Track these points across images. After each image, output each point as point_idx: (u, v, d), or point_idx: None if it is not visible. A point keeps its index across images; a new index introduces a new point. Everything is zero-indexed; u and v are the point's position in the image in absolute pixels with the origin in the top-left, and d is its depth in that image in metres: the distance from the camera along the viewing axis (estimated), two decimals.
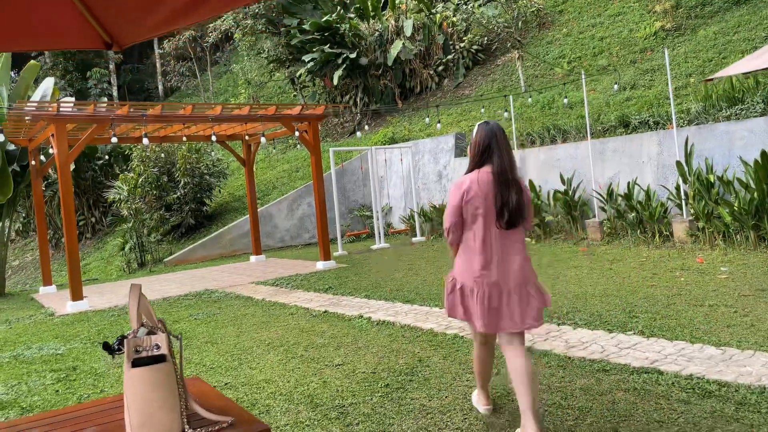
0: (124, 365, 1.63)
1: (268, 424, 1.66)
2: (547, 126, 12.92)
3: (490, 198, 3.35)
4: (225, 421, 1.68)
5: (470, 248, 3.43)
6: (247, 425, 1.69)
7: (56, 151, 8.79)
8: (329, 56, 19.21)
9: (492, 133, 3.43)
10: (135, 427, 1.59)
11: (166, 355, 1.62)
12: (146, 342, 1.62)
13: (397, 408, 4.04)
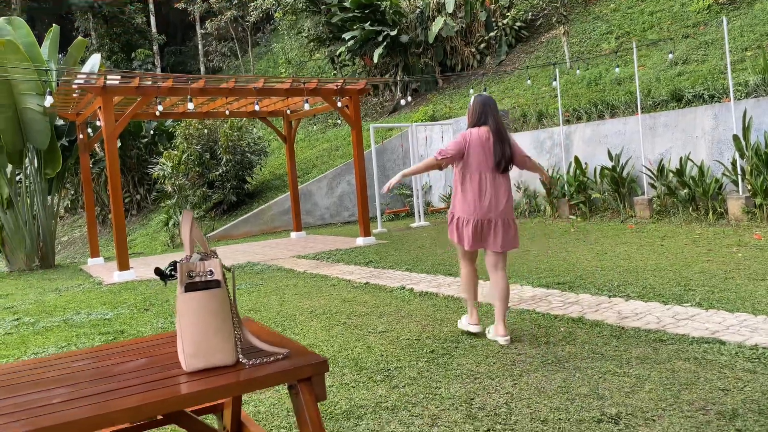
0: (177, 291, 1.58)
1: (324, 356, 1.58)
2: (594, 101, 12.52)
3: (487, 149, 4.35)
4: (281, 353, 1.61)
5: (468, 190, 4.43)
6: (303, 356, 1.61)
7: (103, 123, 8.92)
8: (369, 34, 19.03)
9: (486, 102, 4.44)
10: (188, 355, 1.53)
11: (220, 281, 1.56)
12: (199, 267, 1.55)
13: (443, 372, 3.95)
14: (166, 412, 1.40)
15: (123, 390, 1.48)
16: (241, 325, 1.63)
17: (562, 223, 11.01)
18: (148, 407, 1.37)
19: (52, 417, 1.31)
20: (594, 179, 11.14)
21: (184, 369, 1.57)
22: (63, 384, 1.56)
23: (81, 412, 1.33)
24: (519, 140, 13.17)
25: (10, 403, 1.44)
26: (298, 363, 1.57)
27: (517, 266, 7.31)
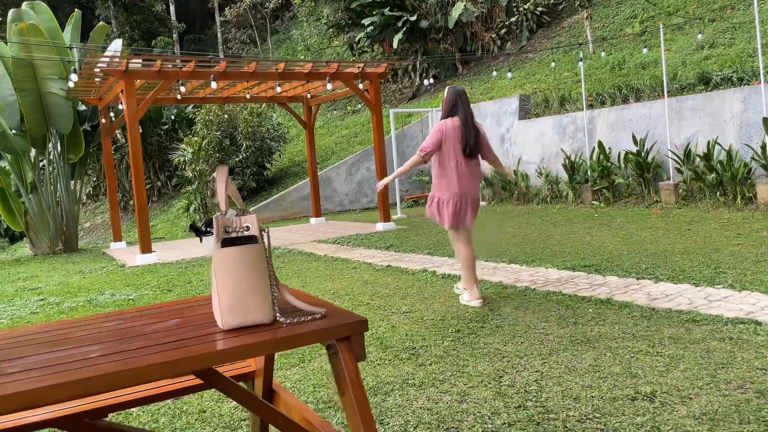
0: (213, 247, 1.53)
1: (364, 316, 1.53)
2: (618, 85, 12.29)
3: (459, 138, 4.92)
4: (318, 312, 1.56)
5: (446, 174, 4.97)
6: (340, 316, 1.57)
7: (125, 106, 8.95)
8: (389, 19, 18.88)
9: (458, 94, 5.02)
10: (225, 311, 1.49)
11: (257, 236, 1.51)
12: (236, 223, 1.51)
13: (470, 351, 3.90)
14: (202, 367, 1.36)
15: (157, 347, 1.44)
16: (278, 284, 1.58)
17: (584, 208, 10.85)
18: (183, 362, 1.33)
19: (89, 370, 1.27)
20: (618, 164, 10.96)
21: (221, 327, 1.53)
22: (95, 342, 1.53)
23: (117, 365, 1.30)
24: (541, 125, 13.00)
25: (44, 357, 1.41)
26: (336, 322, 1.52)
27: (541, 250, 7.22)
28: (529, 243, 7.84)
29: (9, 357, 1.43)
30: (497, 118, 14.16)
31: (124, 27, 26.56)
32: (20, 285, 8.48)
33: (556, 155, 12.42)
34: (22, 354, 1.45)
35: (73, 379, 1.21)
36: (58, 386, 1.19)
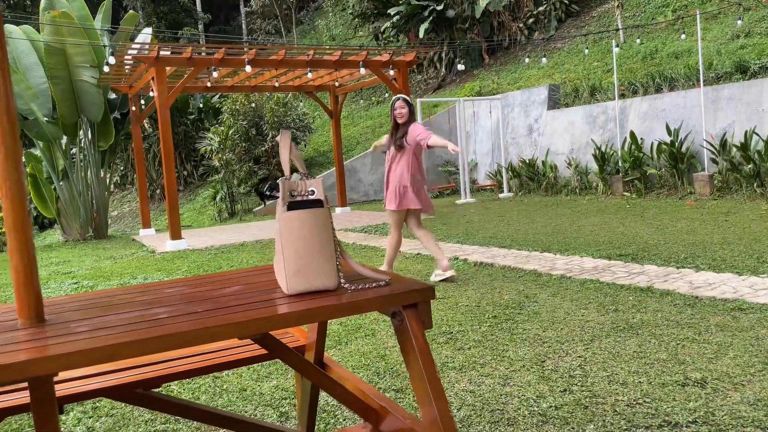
0: (278, 210, 1.50)
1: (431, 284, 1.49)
2: (651, 74, 12.05)
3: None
4: (382, 279, 1.53)
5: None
6: (406, 283, 1.53)
7: (156, 92, 9.00)
8: (415, 9, 18.74)
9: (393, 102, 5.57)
10: (290, 274, 1.46)
11: (323, 200, 1.48)
12: (301, 186, 1.48)
13: (509, 336, 3.84)
14: (272, 329, 1.33)
15: (225, 309, 1.42)
16: (342, 250, 1.55)
17: (615, 199, 10.68)
18: (254, 323, 1.30)
19: (162, 329, 1.26)
20: (650, 155, 10.75)
21: (286, 292, 1.50)
22: (161, 305, 1.51)
23: (190, 325, 1.27)
24: (570, 115, 12.81)
25: (115, 318, 1.40)
26: (403, 288, 1.48)
27: (573, 239, 7.11)
28: (560, 233, 7.73)
29: (76, 318, 1.42)
30: (525, 107, 13.99)
31: (150, 17, 26.79)
32: (53, 269, 8.61)
33: (586, 146, 12.23)
34: (89, 315, 1.44)
35: (147, 337, 1.19)
36: (133, 343, 1.17)
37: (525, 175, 13.10)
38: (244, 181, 15.76)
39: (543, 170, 12.68)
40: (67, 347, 1.16)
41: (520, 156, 13.79)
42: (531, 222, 8.99)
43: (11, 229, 1.35)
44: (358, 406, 1.73)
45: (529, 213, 10.07)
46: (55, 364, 1.13)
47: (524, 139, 13.96)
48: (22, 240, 1.36)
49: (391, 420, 1.70)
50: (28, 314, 1.38)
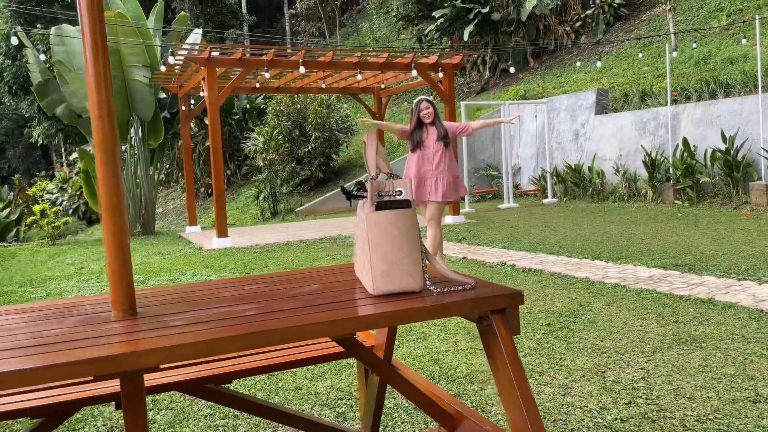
0: (365, 210, 1.49)
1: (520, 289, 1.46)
2: (705, 80, 11.70)
3: None
4: (468, 283, 1.50)
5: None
6: (492, 288, 1.50)
7: (207, 92, 9.17)
8: (460, 11, 18.65)
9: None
10: (377, 275, 1.45)
11: (411, 201, 1.46)
12: (388, 186, 1.46)
13: (565, 345, 3.76)
14: (362, 329, 1.32)
15: (311, 308, 1.41)
16: (426, 251, 1.52)
17: (665, 208, 10.40)
18: (346, 322, 1.29)
19: (258, 325, 1.25)
20: (703, 162, 10.43)
21: (371, 292, 1.48)
22: (245, 301, 1.51)
23: (283, 322, 1.27)
24: (619, 121, 12.55)
25: (206, 313, 1.41)
26: (491, 292, 1.45)
27: (625, 247, 6.94)
28: (610, 240, 7.55)
29: (167, 312, 1.43)
30: (572, 112, 13.77)
31: (198, 19, 27.34)
32: (105, 264, 8.83)
33: (635, 152, 11.95)
34: (179, 309, 1.45)
35: (247, 332, 1.19)
36: (235, 338, 1.17)
37: (570, 181, 12.88)
38: (286, 181, 15.93)
39: (589, 176, 12.44)
40: (169, 340, 1.17)
41: (565, 161, 13.57)
42: (578, 228, 8.82)
43: (107, 222, 1.37)
44: (433, 410, 1.70)
45: (575, 219, 9.88)
46: (159, 357, 1.13)
47: (570, 144, 13.73)
48: (117, 233, 1.38)
49: (468, 425, 1.67)
50: (122, 306, 1.40)
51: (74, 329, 1.31)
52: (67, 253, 10.42)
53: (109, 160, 1.36)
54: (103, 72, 1.36)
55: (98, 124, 1.37)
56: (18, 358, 1.12)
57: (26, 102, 26.67)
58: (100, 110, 1.37)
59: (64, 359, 1.09)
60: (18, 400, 1.87)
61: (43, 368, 1.06)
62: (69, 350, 1.14)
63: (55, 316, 1.46)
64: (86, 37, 1.36)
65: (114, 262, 1.39)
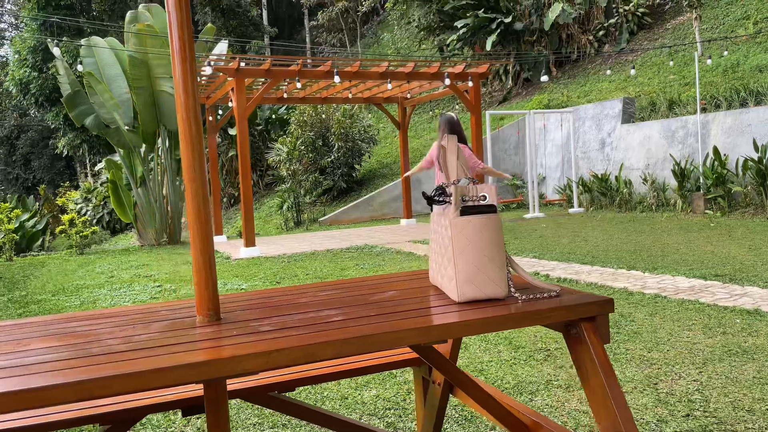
0: (449, 215, 1.47)
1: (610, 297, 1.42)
2: (735, 88, 11.55)
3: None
4: (553, 290, 1.47)
5: None
6: (579, 295, 1.46)
7: (235, 103, 9.24)
8: (483, 21, 18.66)
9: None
10: (462, 282, 1.42)
11: (496, 206, 1.44)
12: (472, 191, 1.44)
13: (612, 356, 3.69)
14: (450, 337, 1.30)
15: (396, 314, 1.39)
16: (510, 259, 1.50)
17: (696, 217, 10.24)
18: (435, 329, 1.27)
19: (349, 330, 1.23)
20: (735, 171, 10.27)
21: (455, 299, 1.46)
22: (327, 307, 1.50)
23: (373, 328, 1.25)
24: (646, 130, 12.42)
25: (291, 318, 1.39)
26: (578, 300, 1.42)
27: (659, 258, 6.84)
28: (644, 250, 7.45)
29: (251, 317, 1.42)
30: (597, 121, 13.66)
31: (221, 31, 27.68)
32: (135, 272, 8.91)
33: (663, 161, 11.81)
34: (262, 315, 1.44)
35: (343, 338, 1.17)
36: (330, 344, 1.15)
37: (597, 190, 12.75)
38: (309, 191, 15.98)
39: (616, 185, 12.31)
40: (266, 345, 1.15)
41: (592, 170, 13.45)
42: (609, 238, 8.71)
43: (194, 226, 1.37)
44: (509, 420, 1.67)
45: (604, 229, 9.77)
46: (257, 362, 1.12)
47: (596, 153, 13.61)
48: (204, 238, 1.37)
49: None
50: (207, 312, 1.39)
51: (164, 334, 1.30)
52: (96, 262, 10.52)
53: (195, 165, 1.36)
54: (190, 75, 1.36)
55: (185, 127, 1.37)
56: (116, 363, 1.12)
57: (52, 113, 27.18)
58: (187, 113, 1.37)
59: (167, 363, 1.08)
60: (84, 407, 1.87)
61: (149, 372, 1.05)
62: (167, 355, 1.13)
63: (138, 322, 1.46)
64: (174, 38, 1.37)
65: (200, 267, 1.38)
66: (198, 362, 1.07)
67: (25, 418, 1.76)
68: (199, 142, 1.37)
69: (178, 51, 1.39)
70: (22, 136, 36.27)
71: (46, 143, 35.30)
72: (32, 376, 1.07)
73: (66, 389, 1.00)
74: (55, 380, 1.02)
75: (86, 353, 1.18)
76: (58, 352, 1.20)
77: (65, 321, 1.54)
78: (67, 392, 1.00)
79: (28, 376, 1.07)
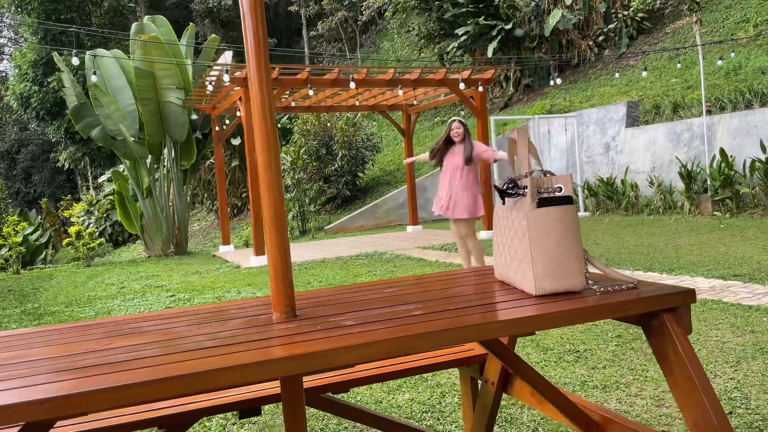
0: (524, 207, 1.45)
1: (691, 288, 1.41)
2: (740, 90, 11.59)
3: None
4: (631, 282, 1.45)
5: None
6: (657, 286, 1.45)
7: (244, 113, 9.24)
8: (483, 28, 18.75)
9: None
10: (540, 275, 1.41)
11: (572, 197, 1.42)
12: (547, 182, 1.43)
13: (643, 356, 3.67)
14: (533, 330, 1.28)
15: (477, 308, 1.37)
16: (585, 251, 1.48)
17: (704, 219, 10.24)
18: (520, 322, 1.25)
19: (440, 323, 1.22)
20: (742, 173, 10.29)
21: (532, 292, 1.44)
22: (401, 302, 1.48)
23: (458, 321, 1.23)
24: (651, 133, 12.45)
25: (370, 313, 1.37)
26: (660, 290, 1.40)
27: (674, 259, 6.83)
28: (657, 252, 7.44)
29: (327, 313, 1.40)
30: (601, 125, 13.69)
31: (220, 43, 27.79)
32: (146, 282, 8.88)
33: (669, 164, 11.83)
34: (339, 311, 1.42)
35: (441, 329, 1.15)
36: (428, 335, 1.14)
37: (602, 194, 12.76)
38: (314, 200, 15.97)
39: (622, 189, 12.32)
40: (355, 339, 1.13)
41: (597, 174, 13.46)
42: (619, 241, 8.70)
43: (270, 223, 1.35)
44: (578, 417, 1.65)
45: (614, 232, 9.76)
46: (354, 354, 1.10)
47: (600, 158, 13.63)
48: (279, 234, 1.36)
49: (617, 429, 1.61)
50: (284, 308, 1.37)
51: (246, 331, 1.29)
52: (105, 274, 10.49)
53: (272, 163, 1.35)
54: (265, 76, 1.36)
55: (261, 125, 1.36)
56: (215, 358, 1.10)
57: (53, 127, 27.18)
58: (263, 110, 1.36)
59: (264, 357, 1.06)
60: (142, 410, 1.84)
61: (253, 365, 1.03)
62: (261, 349, 1.12)
63: (213, 320, 1.44)
64: (249, 41, 1.36)
65: (277, 263, 1.36)
66: (298, 355, 1.05)
67: (82, 423, 1.74)
68: (274, 137, 1.36)
69: (253, 48, 1.38)
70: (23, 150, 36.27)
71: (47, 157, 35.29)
72: (128, 372, 1.05)
73: (172, 383, 0.99)
74: (155, 375, 1.00)
75: (177, 349, 1.16)
76: (146, 349, 1.18)
77: (136, 321, 1.52)
78: (172, 387, 0.99)
79: (124, 372, 1.05)
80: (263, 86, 1.36)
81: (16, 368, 1.12)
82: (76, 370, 1.06)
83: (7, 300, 8.52)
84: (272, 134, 1.35)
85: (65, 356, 1.19)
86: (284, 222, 1.36)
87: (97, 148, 26.96)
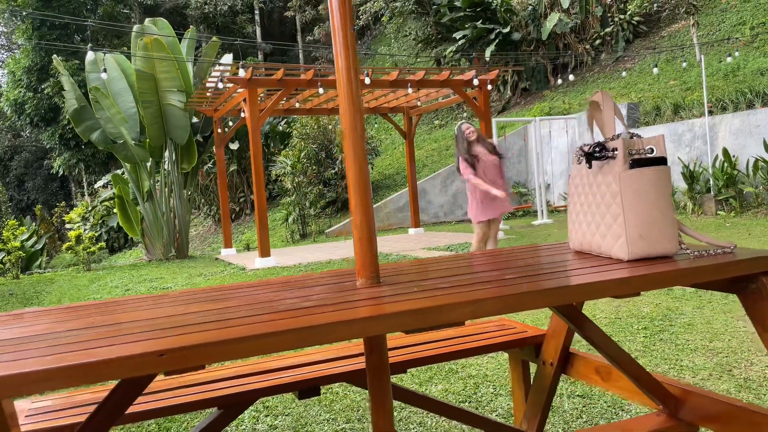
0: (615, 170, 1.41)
1: None
2: (741, 90, 11.66)
3: None
4: (727, 246, 1.42)
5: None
6: (752, 250, 1.41)
7: (248, 114, 9.19)
8: (481, 32, 18.82)
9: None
10: (633, 238, 1.37)
11: (665, 158, 1.38)
12: (638, 144, 1.39)
13: (674, 347, 3.64)
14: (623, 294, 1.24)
15: (566, 272, 1.33)
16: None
17: (709, 219, 10.27)
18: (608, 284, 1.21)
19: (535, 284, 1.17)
20: (746, 172, 10.33)
21: (624, 257, 1.40)
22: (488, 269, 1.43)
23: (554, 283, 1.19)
24: (653, 133, 12.49)
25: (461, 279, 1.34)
26: (758, 253, 1.36)
27: None
28: None
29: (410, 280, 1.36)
30: None
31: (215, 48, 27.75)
32: (150, 285, 8.78)
33: (671, 164, 11.86)
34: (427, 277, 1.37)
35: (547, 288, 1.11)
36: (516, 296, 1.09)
37: None
38: (314, 203, 15.91)
39: None
40: (470, 295, 1.09)
41: None
42: None
43: (356, 194, 1.31)
44: (658, 391, 1.60)
45: None
46: (465, 310, 1.05)
47: None
48: (365, 202, 1.32)
49: (696, 401, 1.57)
50: (369, 274, 1.32)
51: (337, 295, 1.24)
52: (107, 277, 10.37)
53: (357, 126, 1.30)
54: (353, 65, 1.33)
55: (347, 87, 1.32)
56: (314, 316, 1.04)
57: (47, 133, 26.99)
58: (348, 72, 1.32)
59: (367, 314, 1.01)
60: (201, 391, 1.79)
61: (361, 320, 0.98)
62: (359, 308, 1.07)
63: (298, 287, 1.39)
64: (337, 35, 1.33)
65: (363, 230, 1.32)
66: (405, 311, 1.00)
67: (147, 402, 1.68)
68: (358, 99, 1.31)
69: (341, 40, 1.34)
70: (16, 157, 36.01)
71: (40, 164, 35.04)
72: (233, 328, 1.00)
73: (284, 337, 0.93)
74: (266, 329, 0.95)
75: (273, 309, 1.11)
76: (247, 310, 1.12)
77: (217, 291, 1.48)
78: (285, 341, 0.93)
79: (230, 328, 1.00)
80: (348, 47, 1.32)
81: (118, 328, 1.07)
82: (179, 328, 1.01)
83: (10, 303, 8.40)
84: (357, 96, 1.31)
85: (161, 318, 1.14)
86: (368, 187, 1.32)
87: (92, 155, 26.79)
